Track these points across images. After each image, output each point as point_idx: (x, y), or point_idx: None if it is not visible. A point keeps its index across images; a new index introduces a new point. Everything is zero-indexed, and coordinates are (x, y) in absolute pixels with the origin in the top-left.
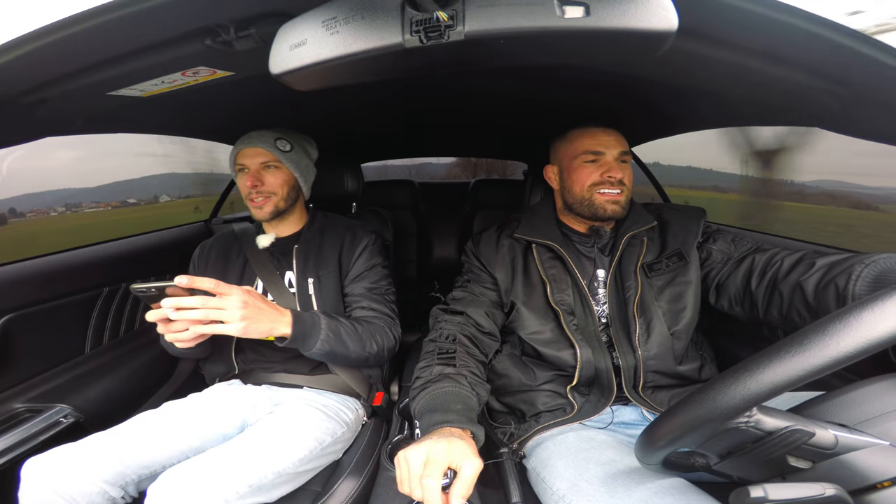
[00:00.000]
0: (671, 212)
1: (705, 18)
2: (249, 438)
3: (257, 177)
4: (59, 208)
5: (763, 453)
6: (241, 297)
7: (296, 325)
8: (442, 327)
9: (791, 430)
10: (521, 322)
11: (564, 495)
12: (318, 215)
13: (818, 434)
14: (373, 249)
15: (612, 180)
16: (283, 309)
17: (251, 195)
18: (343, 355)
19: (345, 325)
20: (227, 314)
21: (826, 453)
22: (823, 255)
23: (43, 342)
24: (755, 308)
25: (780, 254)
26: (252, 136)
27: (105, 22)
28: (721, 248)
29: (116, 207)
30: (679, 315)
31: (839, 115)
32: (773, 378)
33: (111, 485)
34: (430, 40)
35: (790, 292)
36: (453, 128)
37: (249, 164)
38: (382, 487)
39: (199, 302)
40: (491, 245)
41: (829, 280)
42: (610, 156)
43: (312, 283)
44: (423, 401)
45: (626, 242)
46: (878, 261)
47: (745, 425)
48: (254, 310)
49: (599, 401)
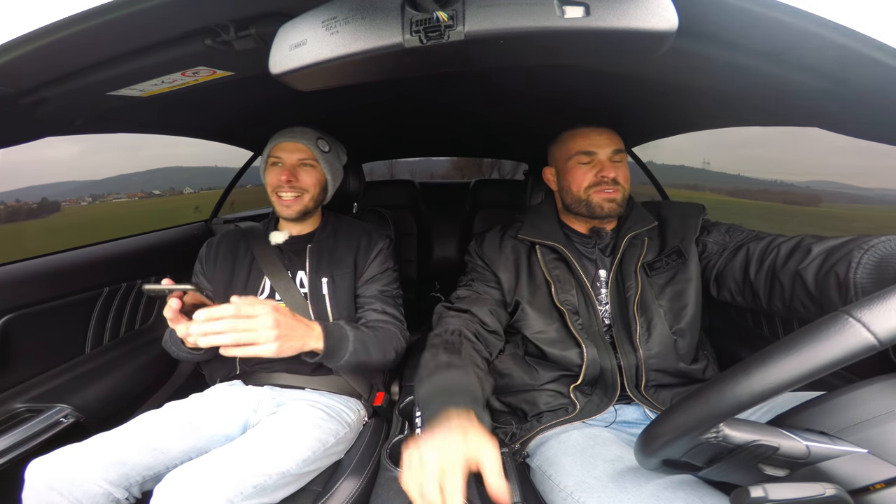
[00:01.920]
0: (670, 209)
1: (705, 18)
2: (253, 439)
3: (293, 172)
4: (86, 198)
5: (738, 463)
6: (273, 316)
7: (327, 339)
8: (448, 322)
9: (756, 444)
10: (527, 322)
11: (573, 492)
12: (331, 217)
13: (785, 446)
14: (387, 253)
15: (605, 179)
16: (311, 322)
17: (281, 189)
18: (367, 364)
19: (368, 334)
20: (260, 336)
21: (799, 462)
22: (820, 241)
23: (43, 342)
24: (757, 298)
25: (776, 240)
26: (294, 132)
27: (105, 22)
28: (715, 240)
29: (143, 198)
30: (681, 313)
31: (839, 115)
32: (736, 396)
33: (115, 486)
34: (430, 40)
35: (791, 281)
36: (453, 128)
37: (287, 158)
38: (383, 487)
39: (227, 325)
40: (494, 245)
41: (829, 268)
42: (603, 155)
43: (326, 283)
44: (429, 387)
45: (628, 243)
46: (877, 245)
47: (714, 440)
48: (286, 328)
49: (602, 400)
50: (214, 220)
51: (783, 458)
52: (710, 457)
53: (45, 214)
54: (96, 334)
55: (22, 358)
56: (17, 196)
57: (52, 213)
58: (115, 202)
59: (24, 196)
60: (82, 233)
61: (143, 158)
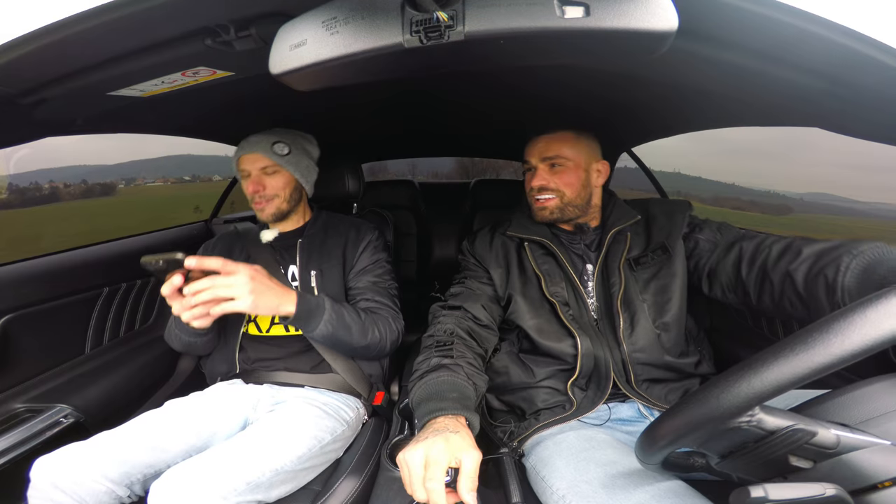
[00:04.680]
0: (657, 206)
1: (705, 18)
2: (249, 436)
3: (259, 182)
4: (121, 183)
5: (764, 453)
6: (248, 272)
7: (300, 303)
8: (440, 322)
9: (793, 429)
10: (520, 313)
11: (564, 495)
12: (322, 213)
13: (820, 434)
14: (377, 245)
15: (532, 189)
16: (288, 288)
17: (254, 199)
18: (345, 341)
19: (348, 309)
20: (235, 290)
21: (827, 453)
22: (810, 243)
23: (43, 342)
24: (748, 296)
25: (768, 240)
26: (250, 142)
27: (105, 22)
28: (707, 238)
29: (175, 183)
30: (665, 307)
31: (839, 116)
32: (778, 376)
33: (117, 484)
34: (430, 40)
35: (780, 281)
36: (453, 128)
37: (250, 169)
38: (382, 487)
39: (208, 282)
40: (485, 243)
41: (818, 270)
42: (535, 163)
43: (315, 275)
44: (420, 391)
45: (612, 238)
46: (865, 251)
47: (746, 425)
48: (261, 285)
49: (596, 394)
50: (214, 220)
51: (813, 448)
52: (730, 448)
53: (111, 193)
54: (96, 334)
55: (22, 358)
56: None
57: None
58: (152, 186)
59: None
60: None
61: (145, 145)
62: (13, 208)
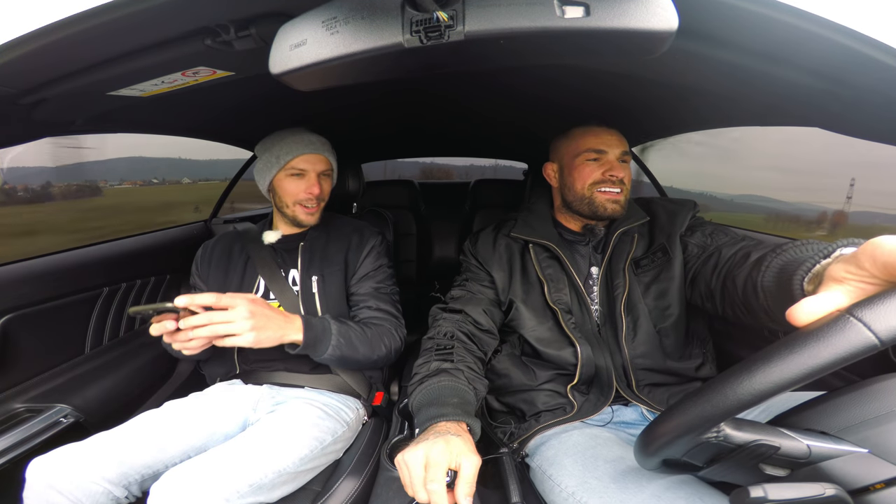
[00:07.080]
0: (661, 205)
1: (705, 18)
2: (250, 438)
3: (318, 184)
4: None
5: (739, 463)
6: (247, 306)
7: (307, 331)
8: (440, 325)
9: (757, 444)
10: (521, 321)
11: (574, 492)
12: (325, 215)
13: (786, 446)
14: (380, 250)
15: (613, 179)
16: (291, 315)
17: (307, 201)
18: (353, 360)
19: (354, 329)
20: (236, 326)
21: (800, 462)
22: (761, 247)
23: (43, 342)
24: (716, 304)
25: (746, 247)
26: (315, 143)
27: (105, 22)
28: (697, 241)
29: (142, 186)
30: (665, 312)
31: (839, 116)
32: (724, 401)
33: (115, 485)
34: (430, 40)
35: (732, 287)
36: (453, 128)
37: (311, 169)
38: (382, 487)
39: (205, 319)
40: (488, 244)
41: (749, 272)
42: (612, 155)
43: (316, 280)
44: (420, 395)
45: (617, 239)
46: (788, 250)
47: (714, 439)
48: (262, 318)
49: (599, 399)
50: (214, 221)
51: (784, 458)
52: (711, 457)
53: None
54: (96, 334)
55: (22, 358)
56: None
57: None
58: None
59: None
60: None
61: (131, 145)
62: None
